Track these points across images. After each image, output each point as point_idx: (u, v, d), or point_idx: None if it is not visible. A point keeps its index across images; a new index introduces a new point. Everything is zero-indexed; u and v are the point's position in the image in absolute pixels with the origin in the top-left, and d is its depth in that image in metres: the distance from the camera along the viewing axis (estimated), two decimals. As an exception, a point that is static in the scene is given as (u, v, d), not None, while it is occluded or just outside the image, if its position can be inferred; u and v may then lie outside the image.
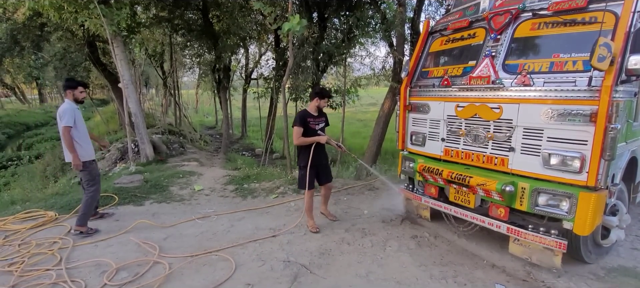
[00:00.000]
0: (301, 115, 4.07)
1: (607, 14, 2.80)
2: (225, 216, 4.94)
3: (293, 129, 4.00)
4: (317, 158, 4.15)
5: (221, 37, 9.65)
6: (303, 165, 4.13)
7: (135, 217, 4.90)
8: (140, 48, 12.40)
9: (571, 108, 2.86)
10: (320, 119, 4.19)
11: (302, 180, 4.18)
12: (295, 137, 4.01)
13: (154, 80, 24.01)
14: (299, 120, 4.02)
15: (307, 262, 3.64)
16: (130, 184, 6.11)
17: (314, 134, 4.09)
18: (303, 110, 4.18)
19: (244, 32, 9.40)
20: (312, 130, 4.07)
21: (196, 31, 9.46)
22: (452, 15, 4.16)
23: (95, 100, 27.46)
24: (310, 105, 4.18)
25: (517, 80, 3.19)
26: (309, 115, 4.10)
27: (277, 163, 10.77)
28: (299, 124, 4.00)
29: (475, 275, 3.40)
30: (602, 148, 2.72)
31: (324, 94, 4.17)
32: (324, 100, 4.16)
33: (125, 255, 3.80)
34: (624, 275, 3.37)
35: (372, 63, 10.10)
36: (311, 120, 4.08)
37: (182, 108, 15.86)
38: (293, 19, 4.85)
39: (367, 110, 23.80)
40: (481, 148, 3.54)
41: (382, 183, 6.42)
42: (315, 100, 4.13)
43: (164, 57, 14.85)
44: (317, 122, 4.14)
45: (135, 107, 7.96)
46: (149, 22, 7.48)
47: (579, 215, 2.88)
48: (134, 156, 8.24)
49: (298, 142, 4.07)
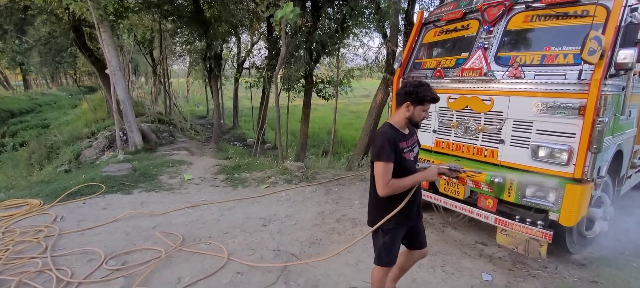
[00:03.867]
0: (387, 138, 2.08)
1: (598, 7, 2.82)
2: (215, 205, 4.90)
3: (375, 166, 2.08)
4: (411, 209, 2.26)
5: (212, 24, 9.46)
6: (388, 227, 2.23)
7: (123, 205, 4.84)
8: (129, 34, 12.09)
9: (561, 101, 2.89)
10: (414, 140, 2.29)
11: (385, 250, 2.27)
12: (381, 183, 2.05)
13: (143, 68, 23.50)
14: (388, 147, 2.05)
15: (298, 251, 3.65)
16: (118, 173, 6.00)
17: (411, 170, 2.19)
18: (386, 127, 2.17)
19: (236, 19, 9.22)
20: (407, 163, 2.16)
21: (186, 18, 9.25)
22: (446, 6, 4.14)
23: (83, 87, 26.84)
24: (396, 116, 2.21)
25: (509, 73, 3.21)
26: (399, 135, 2.16)
27: (268, 153, 10.72)
28: (387, 156, 2.05)
29: (463, 264, 3.45)
30: (589, 141, 2.77)
31: (421, 93, 2.09)
32: (423, 106, 2.13)
33: (113, 243, 3.75)
34: (606, 265, 3.47)
35: (366, 54, 10.06)
36: (404, 145, 2.15)
37: (172, 97, 15.61)
38: (286, 7, 4.77)
39: (360, 101, 23.79)
40: (472, 140, 3.57)
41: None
42: (408, 107, 2.13)
43: (153, 44, 14.53)
44: (410, 145, 2.22)
45: (123, 94, 7.79)
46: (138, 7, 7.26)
47: (565, 206, 2.94)
48: (123, 144, 8.09)
49: (390, 191, 2.08)
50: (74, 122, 15.86)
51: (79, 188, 5.34)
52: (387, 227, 2.23)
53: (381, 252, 2.28)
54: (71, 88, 32.57)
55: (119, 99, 7.87)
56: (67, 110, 22.03)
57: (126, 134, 8.21)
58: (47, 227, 4.08)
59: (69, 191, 5.19)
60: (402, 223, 2.25)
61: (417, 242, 2.44)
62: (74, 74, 19.62)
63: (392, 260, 2.30)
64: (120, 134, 8.14)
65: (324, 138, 14.11)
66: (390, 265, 2.33)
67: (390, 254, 2.27)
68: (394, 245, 2.28)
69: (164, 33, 12.38)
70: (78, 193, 5.21)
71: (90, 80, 30.87)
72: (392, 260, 2.30)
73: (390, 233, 2.24)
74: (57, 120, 18.34)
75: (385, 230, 2.25)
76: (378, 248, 2.30)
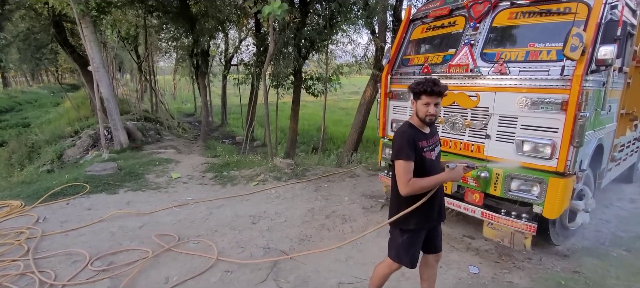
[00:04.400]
0: (407, 137, 2.05)
1: (580, 5, 2.88)
2: (203, 204, 4.85)
3: (396, 165, 2.07)
4: (432, 211, 2.20)
5: (198, 20, 9.30)
6: (407, 227, 2.20)
7: (109, 205, 4.73)
8: (113, 30, 11.77)
9: (544, 96, 2.96)
10: (435, 139, 2.22)
11: (404, 250, 2.22)
12: (402, 181, 2.03)
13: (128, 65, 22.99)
14: (407, 146, 2.03)
15: (287, 248, 3.64)
16: (103, 172, 5.87)
17: (433, 169, 2.13)
18: (405, 126, 2.13)
19: (223, 15, 9.08)
20: (428, 162, 2.11)
21: (172, 13, 9.05)
22: (433, 3, 4.17)
23: (65, 85, 26.06)
24: (413, 115, 2.15)
25: (494, 69, 3.26)
26: (419, 134, 2.11)
27: (258, 151, 10.64)
28: (406, 154, 2.02)
29: (451, 258, 3.51)
30: (571, 135, 2.84)
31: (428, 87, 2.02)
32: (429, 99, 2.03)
33: (98, 244, 3.67)
34: (587, 255, 3.58)
35: (354, 50, 10.08)
36: (424, 143, 2.11)
37: (158, 94, 15.31)
38: (274, 3, 4.72)
39: (349, 98, 23.88)
40: (459, 136, 3.62)
41: (363, 171, 6.50)
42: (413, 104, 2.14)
43: (138, 41, 14.20)
44: (432, 144, 2.16)
45: (107, 91, 7.60)
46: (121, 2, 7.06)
47: (548, 199, 3.01)
48: (107, 143, 7.91)
49: (411, 190, 2.03)
50: (56, 120, 15.42)
51: (62, 188, 5.20)
52: (407, 227, 2.19)
53: (400, 252, 2.24)
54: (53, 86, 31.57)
55: (102, 96, 7.68)
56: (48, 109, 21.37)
57: (111, 133, 8.03)
58: (28, 228, 3.96)
59: (51, 191, 5.05)
60: (422, 225, 2.19)
61: (433, 246, 2.35)
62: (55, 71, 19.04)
63: (412, 262, 2.24)
64: (104, 132, 7.95)
65: (314, 135, 14.10)
66: (412, 266, 2.25)
67: (410, 254, 2.22)
68: (413, 246, 2.22)
69: (149, 29, 12.12)
70: (61, 194, 5.07)
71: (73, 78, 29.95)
72: (412, 262, 2.24)
73: (409, 233, 2.20)
74: (38, 119, 17.78)
75: (403, 230, 2.20)
76: (396, 247, 2.26)
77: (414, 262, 2.25)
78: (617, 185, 5.58)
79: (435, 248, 2.37)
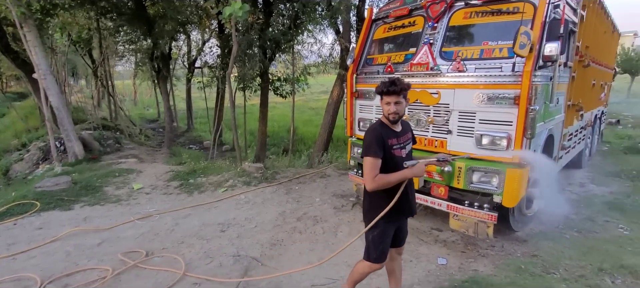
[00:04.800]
0: (376, 134, 2.11)
1: (527, 4, 3.06)
2: (168, 214, 4.63)
3: (364, 161, 2.14)
4: (402, 207, 2.24)
5: (157, 22, 8.87)
6: (382, 222, 2.23)
7: (63, 223, 4.39)
8: (62, 33, 10.94)
9: (498, 92, 3.11)
10: (407, 137, 2.29)
11: (374, 246, 2.27)
12: (369, 177, 2.09)
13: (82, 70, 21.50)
14: (375, 144, 2.09)
15: (258, 254, 3.57)
16: (55, 187, 5.43)
17: (400, 165, 2.16)
18: (376, 124, 2.21)
19: (183, 16, 8.72)
20: (397, 159, 2.17)
21: (127, 15, 8.56)
22: (393, 3, 4.26)
23: (10, 93, 23.93)
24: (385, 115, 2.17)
25: (453, 67, 3.38)
26: (389, 132, 2.17)
27: (227, 155, 10.38)
28: (374, 151, 2.08)
29: (420, 251, 3.60)
30: (524, 127, 3.01)
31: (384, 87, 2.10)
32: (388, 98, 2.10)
33: (51, 266, 3.38)
34: (543, 239, 3.83)
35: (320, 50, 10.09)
36: (394, 141, 2.16)
37: (116, 100, 14.46)
38: (234, 4, 4.60)
39: (319, 97, 23.94)
40: (423, 132, 3.72)
41: (333, 171, 6.52)
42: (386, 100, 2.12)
43: (92, 44, 13.30)
44: (402, 142, 2.22)
45: (57, 100, 7.04)
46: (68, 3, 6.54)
47: (506, 189, 3.18)
48: (60, 155, 7.34)
49: (376, 185, 2.10)
50: (0, 133, 14.09)
51: (8, 207, 4.75)
52: (377, 222, 2.23)
53: (370, 247, 2.30)
54: (-4, 95, 28.85)
55: (52, 105, 7.11)
56: (-9, 120, 19.50)
57: (64, 144, 7.45)
58: (-33, 255, 3.58)
59: (-5, 212, 4.60)
60: (392, 220, 2.25)
61: (398, 240, 2.43)
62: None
63: (380, 257, 2.28)
64: (56, 144, 7.38)
65: (284, 136, 13.97)
66: (379, 262, 2.30)
67: (379, 250, 2.26)
68: (383, 242, 2.27)
69: (104, 32, 11.40)
70: (7, 214, 4.63)
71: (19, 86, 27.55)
72: (380, 257, 2.28)
73: (379, 229, 2.25)
74: (-21, 133, 16.15)
75: (375, 225, 2.25)
76: (367, 242, 2.32)
77: (382, 257, 2.29)
78: (568, 171, 6.03)
79: (400, 241, 2.47)
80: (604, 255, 3.44)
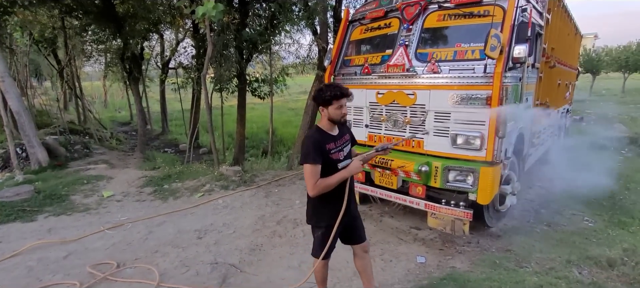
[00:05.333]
0: (313, 141, 2.19)
1: (496, 8, 3.16)
2: (141, 222, 4.44)
3: (304, 168, 2.19)
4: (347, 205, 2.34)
5: (127, 21, 8.50)
6: (320, 224, 2.40)
7: (25, 236, 4.11)
8: (22, 33, 10.28)
9: (471, 93, 3.19)
10: (344, 139, 2.36)
11: (319, 244, 2.42)
12: (310, 184, 2.16)
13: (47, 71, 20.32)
14: (313, 151, 2.16)
15: (237, 260, 3.48)
16: (15, 197, 5.08)
17: (336, 168, 2.21)
18: (313, 131, 2.29)
19: (155, 16, 8.40)
20: (334, 162, 2.22)
21: (93, 14, 8.13)
22: (369, 5, 4.29)
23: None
24: (322, 119, 2.29)
25: (428, 68, 3.44)
26: (327, 137, 2.25)
27: (204, 158, 10.11)
28: (312, 158, 2.15)
29: (400, 251, 3.64)
30: (496, 127, 3.10)
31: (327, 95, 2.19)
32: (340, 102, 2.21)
33: (11, 284, 3.15)
34: (516, 233, 3.97)
35: (297, 51, 10.03)
36: (331, 146, 2.24)
37: (85, 102, 13.76)
38: (208, 3, 4.46)
39: (298, 98, 23.83)
40: (400, 133, 3.76)
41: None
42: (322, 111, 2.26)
43: (56, 44, 12.59)
44: (340, 146, 2.30)
45: (17, 104, 6.60)
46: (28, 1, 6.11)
47: (481, 187, 3.27)
48: (22, 163, 6.89)
49: (318, 191, 2.17)
50: (-46, 139, 13.05)
51: (-38, 221, 4.40)
52: (320, 224, 2.39)
53: (316, 246, 2.47)
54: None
55: (12, 109, 6.66)
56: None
57: (25, 150, 7.00)
58: None
59: (-54, 227, 4.24)
60: (334, 221, 2.32)
61: (355, 237, 2.55)
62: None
63: (327, 254, 2.44)
64: (17, 150, 6.92)
65: (263, 138, 13.80)
66: (325, 259, 2.47)
67: (323, 248, 2.40)
68: (326, 241, 2.38)
69: (69, 31, 10.81)
70: (-40, 228, 4.28)
71: (-25, 88, 25.68)
72: (327, 254, 2.44)
73: (322, 229, 2.39)
74: None
75: (317, 227, 2.43)
76: (314, 242, 2.49)
77: (328, 254, 2.45)
78: (538, 166, 6.30)
79: (359, 238, 2.56)
80: (571, 247, 3.61)
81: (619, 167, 6.50)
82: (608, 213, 4.48)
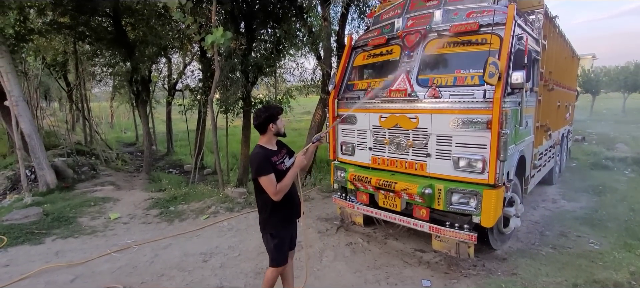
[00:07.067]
0: (262, 156, 2.51)
1: (493, 36, 3.29)
2: (147, 245, 4.47)
3: (260, 181, 2.47)
4: (293, 211, 2.72)
5: (137, 46, 8.81)
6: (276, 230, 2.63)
7: (33, 259, 4.15)
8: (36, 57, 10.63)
9: (472, 117, 3.28)
10: (282, 153, 2.69)
11: (277, 251, 2.65)
12: (271, 191, 2.45)
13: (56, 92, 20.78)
14: (265, 164, 2.48)
15: (242, 284, 3.50)
16: (24, 220, 5.15)
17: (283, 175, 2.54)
18: (258, 149, 2.58)
19: (165, 41, 8.71)
20: (280, 173, 2.54)
21: (106, 40, 8.45)
22: (371, 33, 4.46)
23: (-25, 118, 22.67)
24: (264, 138, 2.62)
25: (429, 93, 3.55)
26: (270, 152, 2.59)
27: (209, 179, 10.17)
28: (266, 170, 2.46)
29: (405, 274, 3.64)
30: (497, 150, 3.16)
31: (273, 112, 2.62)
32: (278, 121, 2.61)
33: (18, 308, 3.18)
34: (521, 256, 3.95)
35: (302, 74, 10.26)
36: (275, 158, 2.58)
37: (92, 124, 14.01)
38: (216, 31, 4.67)
39: (302, 118, 24.00)
40: (403, 155, 3.84)
41: (317, 193, 6.53)
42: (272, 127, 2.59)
43: (67, 67, 12.98)
44: (281, 158, 2.64)
45: (29, 127, 6.77)
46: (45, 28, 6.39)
47: (484, 210, 3.30)
48: (31, 185, 7.00)
49: (281, 193, 2.48)
50: (-37, 161, 13.25)
51: (-29, 244, 4.46)
52: (276, 229, 2.64)
53: (274, 254, 2.66)
54: (-41, 120, 27.23)
55: (23, 132, 6.83)
56: (-47, 147, 18.32)
57: (35, 172, 7.13)
58: None
59: (-44, 250, 4.30)
60: (286, 226, 2.68)
61: (291, 243, 2.83)
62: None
63: (284, 260, 2.71)
64: (26, 172, 7.04)
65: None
66: (283, 265, 2.72)
67: (282, 253, 2.67)
68: (284, 246, 2.68)
69: (81, 56, 11.17)
70: (-31, 251, 4.34)
71: (-15, 110, 26.20)
72: (284, 260, 2.71)
73: (279, 237, 2.64)
74: (-61, 161, 15.12)
75: (273, 235, 2.63)
76: (270, 251, 2.68)
77: (284, 260, 2.71)
78: (541, 188, 6.31)
79: (293, 245, 2.85)
80: (577, 270, 3.59)
81: (622, 188, 6.48)
82: (613, 235, 4.45)
